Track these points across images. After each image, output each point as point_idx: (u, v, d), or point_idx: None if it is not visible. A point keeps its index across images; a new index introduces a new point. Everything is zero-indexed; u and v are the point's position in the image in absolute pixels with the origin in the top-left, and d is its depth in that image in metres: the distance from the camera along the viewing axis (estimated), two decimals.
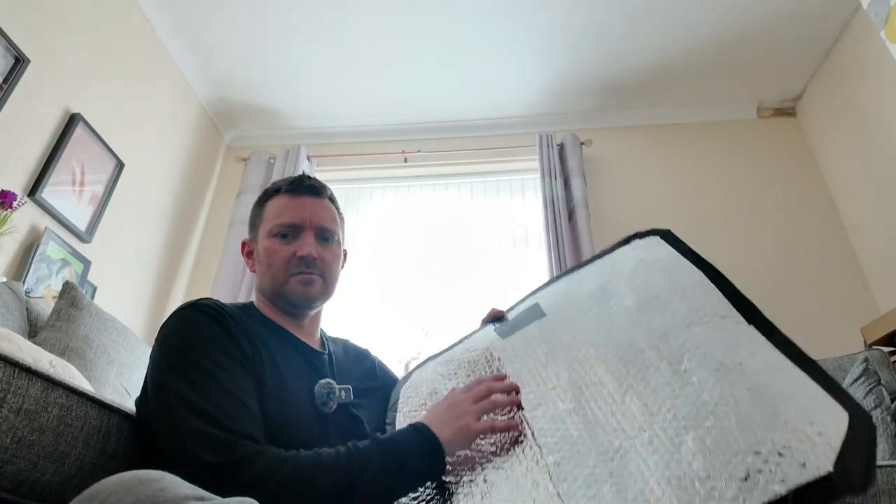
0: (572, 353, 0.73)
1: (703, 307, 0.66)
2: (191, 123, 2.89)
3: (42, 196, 1.91)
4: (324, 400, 0.85)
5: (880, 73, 2.34)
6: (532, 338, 0.82)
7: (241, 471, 0.65)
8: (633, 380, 0.64)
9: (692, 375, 0.60)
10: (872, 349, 1.86)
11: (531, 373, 0.76)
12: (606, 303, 0.76)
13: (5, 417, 0.59)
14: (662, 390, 0.61)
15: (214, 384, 0.73)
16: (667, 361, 0.63)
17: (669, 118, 3.01)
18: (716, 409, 0.55)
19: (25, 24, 1.86)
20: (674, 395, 0.59)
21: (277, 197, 0.98)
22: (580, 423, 0.65)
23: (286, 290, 0.93)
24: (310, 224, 0.95)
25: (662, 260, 0.76)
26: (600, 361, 0.69)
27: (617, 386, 0.65)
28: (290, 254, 0.93)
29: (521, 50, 2.69)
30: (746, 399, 0.54)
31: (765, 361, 0.57)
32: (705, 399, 0.57)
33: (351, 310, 2.66)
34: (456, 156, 3.01)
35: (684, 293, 0.69)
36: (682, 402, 0.58)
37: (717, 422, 0.54)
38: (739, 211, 2.73)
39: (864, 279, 2.51)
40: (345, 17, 2.52)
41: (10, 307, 1.35)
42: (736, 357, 0.58)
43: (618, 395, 0.64)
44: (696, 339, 0.63)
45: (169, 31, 2.62)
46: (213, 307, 0.83)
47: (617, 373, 0.66)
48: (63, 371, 1.06)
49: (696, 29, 2.57)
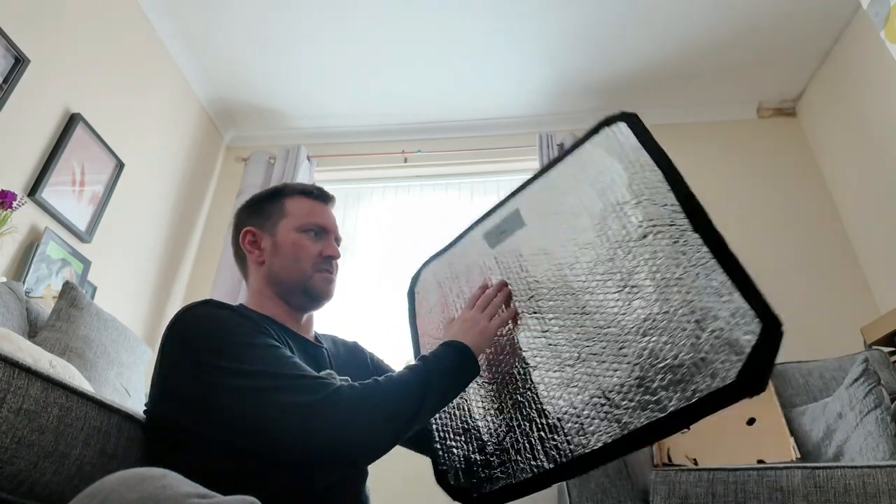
0: (547, 271, 0.87)
1: (653, 215, 0.75)
2: (191, 123, 2.89)
3: (42, 196, 1.91)
4: None
5: (880, 73, 2.34)
6: (514, 253, 0.96)
7: (333, 405, 0.72)
8: (591, 297, 0.77)
9: (638, 294, 0.71)
10: (872, 349, 1.86)
11: (515, 290, 0.93)
12: (575, 215, 0.87)
13: (5, 417, 0.59)
14: (610, 309, 0.73)
15: (266, 350, 0.78)
16: (619, 278, 0.74)
17: (669, 118, 3.01)
18: (652, 327, 0.67)
19: (25, 24, 1.86)
20: (621, 314, 0.72)
21: (301, 198, 1.05)
22: (549, 335, 0.80)
23: (311, 283, 0.99)
24: (333, 230, 1.05)
25: (624, 155, 0.83)
26: (566, 278, 0.82)
27: (577, 303, 0.78)
28: (318, 251, 1.00)
29: (521, 50, 2.69)
30: (677, 317, 0.65)
31: (700, 275, 0.66)
32: (645, 315, 0.69)
33: (351, 310, 2.66)
34: (456, 156, 3.01)
35: (639, 198, 0.78)
36: (626, 321, 0.71)
37: (652, 340, 0.66)
38: (739, 211, 2.73)
39: (864, 279, 2.51)
40: (345, 17, 2.52)
41: (10, 307, 1.35)
42: (677, 271, 0.68)
43: (577, 311, 0.78)
44: (646, 252, 0.73)
45: (169, 31, 2.62)
46: (223, 303, 0.86)
47: (580, 290, 0.79)
48: (63, 371, 1.06)
49: (695, 29, 2.57)
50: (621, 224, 0.77)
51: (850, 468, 0.98)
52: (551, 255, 0.87)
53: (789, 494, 0.98)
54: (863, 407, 1.43)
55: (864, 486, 0.95)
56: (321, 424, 0.71)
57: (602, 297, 0.75)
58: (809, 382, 1.80)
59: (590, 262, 0.79)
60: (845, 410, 1.48)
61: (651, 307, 0.69)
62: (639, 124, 0.85)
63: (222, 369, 0.74)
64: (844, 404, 1.49)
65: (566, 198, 0.90)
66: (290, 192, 1.05)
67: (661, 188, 0.76)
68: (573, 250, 0.83)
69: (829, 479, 0.97)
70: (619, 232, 0.77)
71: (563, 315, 0.80)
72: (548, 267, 0.86)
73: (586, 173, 0.88)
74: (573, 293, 0.79)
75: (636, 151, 0.81)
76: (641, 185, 0.78)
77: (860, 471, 0.97)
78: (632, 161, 0.81)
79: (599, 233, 0.80)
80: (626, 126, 0.86)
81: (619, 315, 0.72)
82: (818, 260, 2.58)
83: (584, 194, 0.86)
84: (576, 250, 0.82)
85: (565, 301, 0.80)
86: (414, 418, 0.77)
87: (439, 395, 0.82)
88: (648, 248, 0.72)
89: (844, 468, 0.99)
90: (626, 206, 0.78)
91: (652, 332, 0.67)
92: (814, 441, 1.54)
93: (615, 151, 0.84)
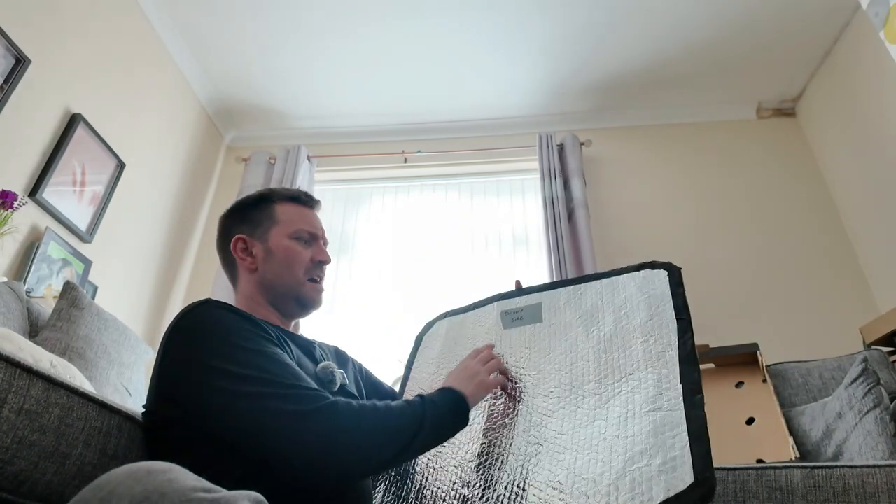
0: (542, 367, 0.94)
1: (653, 356, 0.82)
2: (191, 123, 2.90)
3: (43, 196, 1.91)
4: (329, 378, 0.92)
5: (880, 74, 2.34)
6: (522, 341, 1.01)
7: (326, 417, 0.72)
8: (567, 402, 0.85)
9: (606, 414, 0.78)
10: (871, 349, 1.86)
11: (510, 365, 0.99)
12: (588, 328, 0.94)
13: (6, 418, 0.59)
14: (579, 418, 0.81)
15: (264, 357, 0.78)
16: (598, 396, 0.82)
17: (669, 118, 3.01)
18: (599, 444, 0.74)
19: (26, 25, 1.87)
20: (584, 425, 0.79)
21: (290, 203, 1.06)
22: (523, 421, 0.88)
23: (302, 291, 1.01)
24: (322, 237, 1.07)
25: (653, 298, 0.91)
26: (557, 380, 0.90)
27: (556, 402, 0.86)
28: (310, 257, 1.02)
29: (522, 50, 2.69)
30: (624, 443, 0.72)
31: (663, 417, 0.72)
32: (599, 433, 0.76)
33: (351, 310, 2.67)
34: (456, 156, 3.01)
35: (647, 338, 0.85)
36: (585, 432, 0.78)
37: (592, 453, 0.74)
38: (739, 211, 2.73)
39: (863, 279, 2.51)
40: (345, 17, 2.52)
41: (10, 307, 1.35)
42: (645, 408, 0.75)
43: (553, 409, 0.86)
44: (629, 386, 0.80)
45: (169, 32, 2.62)
46: (224, 304, 0.86)
47: (562, 392, 0.87)
48: (64, 371, 1.06)
49: (695, 29, 2.57)
50: (622, 353, 0.85)
51: (849, 468, 0.98)
52: (551, 358, 0.94)
53: (788, 494, 0.98)
54: (862, 407, 1.43)
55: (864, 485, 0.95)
56: (308, 435, 0.71)
57: (578, 406, 0.83)
58: (809, 382, 1.80)
59: (582, 375, 0.87)
60: (844, 410, 1.48)
61: (609, 427, 0.76)
62: (676, 277, 0.91)
63: (218, 371, 0.74)
64: (844, 404, 1.49)
65: (586, 312, 0.97)
66: (279, 199, 1.06)
67: (670, 337, 0.82)
68: (573, 358, 0.91)
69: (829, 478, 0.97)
70: (617, 361, 0.85)
71: (538, 409, 0.88)
72: (544, 366, 0.94)
73: (612, 297, 0.96)
74: (552, 396, 0.87)
75: (663, 298, 0.89)
76: (653, 327, 0.85)
77: (859, 470, 0.97)
78: (655, 305, 0.88)
79: (601, 353, 0.88)
80: (665, 275, 0.93)
81: (580, 428, 0.80)
82: (818, 260, 2.58)
83: (603, 314, 0.94)
84: (575, 359, 0.91)
85: (544, 400, 0.88)
86: (401, 453, 0.77)
87: (430, 437, 0.81)
88: (633, 383, 0.80)
89: (843, 468, 0.99)
90: (634, 338, 0.86)
91: (596, 447, 0.75)
92: (813, 441, 1.55)
93: (646, 291, 0.92)
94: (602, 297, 0.97)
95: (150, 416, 0.80)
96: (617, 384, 0.81)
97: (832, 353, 1.95)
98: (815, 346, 2.20)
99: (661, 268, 0.95)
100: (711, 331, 2.20)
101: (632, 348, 0.85)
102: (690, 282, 1.03)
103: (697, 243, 2.66)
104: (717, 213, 2.74)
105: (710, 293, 2.48)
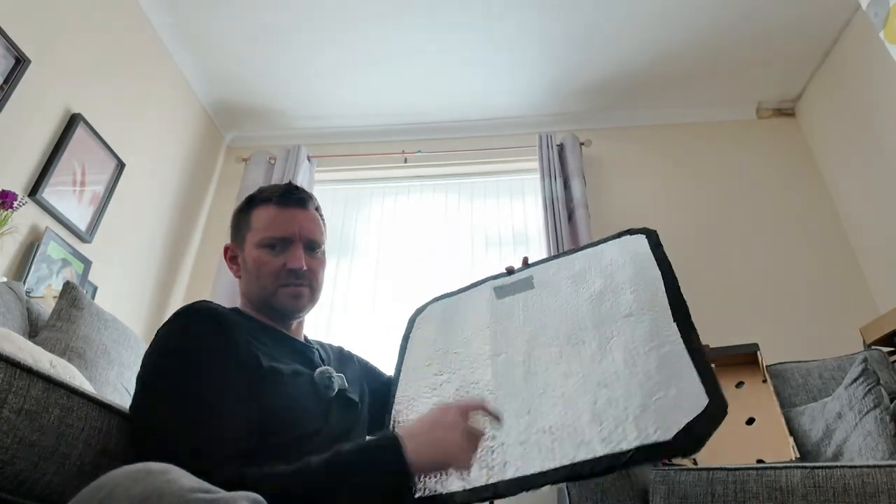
0: (538, 321, 0.98)
1: (644, 302, 0.87)
2: (191, 123, 2.90)
3: (42, 196, 1.91)
4: (326, 383, 0.90)
5: (880, 74, 2.34)
6: (517, 305, 1.05)
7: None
8: (570, 349, 0.88)
9: (610, 354, 0.82)
10: (871, 349, 1.86)
11: (506, 331, 1.01)
12: (578, 287, 1.00)
13: (6, 418, 0.59)
14: (585, 361, 0.84)
15: (205, 396, 0.74)
16: (598, 341, 0.86)
17: (669, 119, 3.01)
18: (612, 382, 0.77)
19: (26, 24, 1.87)
20: (590, 366, 0.82)
21: (265, 206, 0.99)
22: (523, 372, 0.89)
23: (274, 301, 0.95)
24: (299, 237, 0.97)
25: (636, 257, 0.97)
26: (554, 331, 0.93)
27: (558, 351, 0.89)
28: (280, 265, 0.95)
29: (522, 50, 2.69)
30: (637, 379, 0.75)
31: (667, 352, 0.76)
32: (609, 372, 0.79)
33: (351, 310, 2.66)
34: (456, 156, 3.01)
35: (636, 287, 0.90)
36: (593, 371, 0.81)
37: (608, 391, 0.76)
38: (738, 211, 2.73)
39: (863, 279, 2.51)
40: (345, 17, 2.52)
41: (10, 307, 1.35)
42: (647, 346, 0.79)
43: (555, 357, 0.88)
44: (626, 327, 0.85)
45: (169, 31, 2.62)
46: (211, 311, 0.83)
47: (561, 342, 0.90)
48: (63, 371, 1.06)
49: (695, 29, 2.57)
50: (614, 301, 0.91)
51: (849, 468, 0.98)
52: (549, 311, 0.99)
53: (788, 494, 0.98)
54: (862, 407, 1.43)
55: (864, 485, 0.95)
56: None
57: (581, 350, 0.87)
58: (809, 382, 1.80)
59: (578, 323, 0.92)
60: (844, 410, 1.48)
61: (617, 366, 0.80)
62: (654, 239, 0.99)
63: (161, 393, 0.75)
64: (844, 404, 1.49)
65: (575, 274, 1.04)
66: (258, 202, 1.00)
67: (656, 285, 0.88)
68: (568, 311, 0.96)
69: (829, 478, 0.97)
70: (610, 307, 0.91)
71: (540, 360, 0.90)
72: (540, 321, 0.98)
73: (598, 260, 1.03)
74: (559, 344, 0.91)
75: (645, 256, 0.96)
76: (640, 279, 0.92)
77: (859, 470, 0.97)
78: (639, 262, 0.95)
79: (593, 304, 0.94)
80: (644, 238, 1.01)
81: (590, 366, 0.83)
82: (818, 260, 2.58)
83: (591, 274, 1.01)
84: (569, 312, 0.96)
85: (550, 347, 0.91)
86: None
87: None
88: (630, 324, 0.85)
89: (843, 468, 0.99)
90: (623, 290, 0.92)
91: (610, 385, 0.77)
92: (813, 441, 1.55)
93: (628, 252, 1.00)
94: (589, 262, 1.04)
95: (132, 416, 0.80)
96: (614, 327, 0.86)
97: (832, 353, 1.95)
98: (815, 346, 2.20)
99: (639, 232, 1.04)
100: (711, 331, 2.20)
101: (622, 297, 0.91)
102: (691, 282, 1.04)
103: (697, 243, 2.66)
104: (716, 213, 2.74)
105: (710, 293, 2.48)
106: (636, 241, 1.02)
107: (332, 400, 0.90)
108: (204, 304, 0.86)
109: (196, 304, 0.85)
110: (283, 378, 0.84)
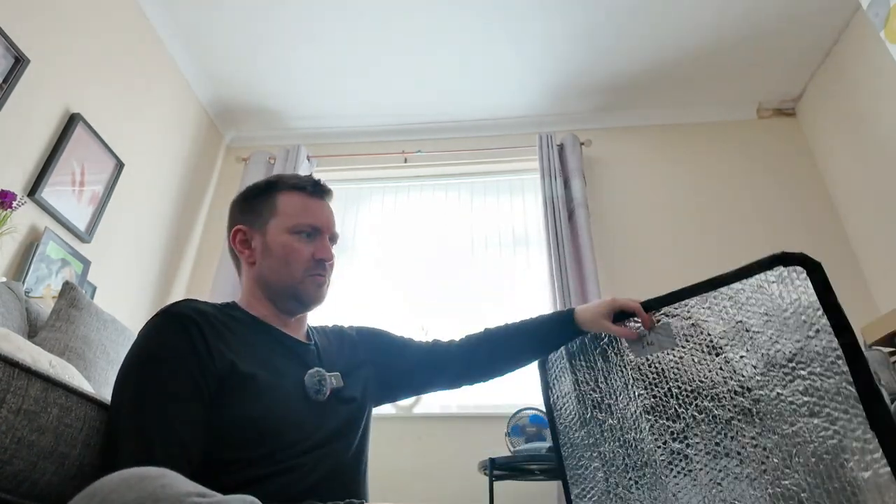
0: (690, 401, 0.83)
1: (825, 392, 0.67)
2: (191, 123, 2.89)
3: (42, 196, 1.91)
4: (316, 388, 0.86)
5: (880, 74, 2.34)
6: (661, 371, 0.91)
7: None
8: (730, 443, 0.74)
9: (791, 474, 0.67)
10: (872, 350, 1.86)
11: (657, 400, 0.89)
12: (731, 355, 0.81)
13: (5, 418, 0.59)
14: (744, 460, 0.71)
15: (158, 411, 0.72)
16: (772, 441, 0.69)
17: (669, 118, 3.01)
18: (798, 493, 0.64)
19: (25, 24, 1.86)
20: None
21: (294, 193, 0.97)
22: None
23: (301, 287, 0.93)
24: (327, 228, 0.97)
25: (801, 310, 0.75)
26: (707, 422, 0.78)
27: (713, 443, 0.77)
28: (310, 254, 0.94)
29: (522, 50, 2.69)
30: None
31: (870, 478, 0.61)
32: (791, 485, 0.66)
33: (351, 310, 2.66)
34: (456, 156, 3.01)
35: (810, 363, 0.70)
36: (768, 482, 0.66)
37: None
38: (739, 211, 2.73)
39: (863, 280, 2.51)
40: (345, 17, 2.52)
41: (9, 307, 1.35)
42: (838, 461, 0.63)
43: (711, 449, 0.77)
44: (809, 431, 0.66)
45: (169, 32, 2.62)
46: (187, 314, 0.79)
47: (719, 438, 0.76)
48: (62, 371, 1.05)
49: (695, 29, 2.57)
50: (781, 387, 0.73)
51: None
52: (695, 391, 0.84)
53: None
54: None
55: None
56: None
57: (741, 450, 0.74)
58: None
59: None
60: None
61: (800, 480, 0.67)
62: (819, 275, 0.76)
63: (118, 399, 0.73)
64: None
65: (727, 332, 0.85)
66: (283, 187, 0.97)
67: (837, 362, 0.70)
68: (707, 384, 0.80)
69: None
70: (777, 406, 0.73)
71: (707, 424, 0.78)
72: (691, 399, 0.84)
73: (755, 309, 0.82)
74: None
75: (811, 309, 0.74)
76: (813, 349, 0.72)
77: None
78: (805, 320, 0.74)
79: (757, 385, 0.76)
80: (805, 274, 0.78)
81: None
82: (818, 259, 2.57)
83: (746, 339, 0.81)
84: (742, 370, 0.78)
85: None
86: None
87: None
88: (813, 428, 0.68)
89: None
90: (791, 369, 0.73)
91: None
92: None
93: (789, 297, 0.77)
94: (742, 311, 0.82)
95: None
96: (792, 428, 0.69)
97: None
98: None
99: (794, 262, 0.78)
100: None
101: (795, 381, 0.71)
102: (690, 282, 1.02)
103: (697, 243, 2.65)
104: (717, 213, 2.74)
105: None
106: (793, 279, 0.78)
107: (326, 402, 0.87)
108: (183, 303, 0.82)
109: (171, 308, 0.81)
110: (259, 385, 0.80)
